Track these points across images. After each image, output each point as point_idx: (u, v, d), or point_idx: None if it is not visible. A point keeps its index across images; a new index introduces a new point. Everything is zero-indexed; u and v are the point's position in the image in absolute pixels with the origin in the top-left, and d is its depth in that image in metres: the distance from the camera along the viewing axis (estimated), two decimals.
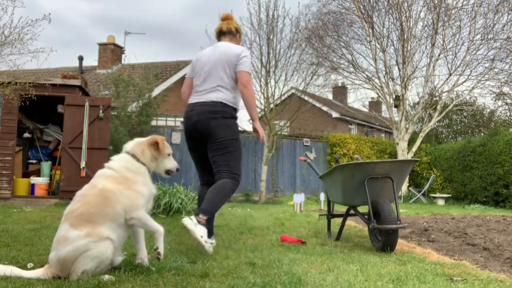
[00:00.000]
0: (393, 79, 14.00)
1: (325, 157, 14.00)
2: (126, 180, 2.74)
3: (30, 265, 2.78)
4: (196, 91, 3.71)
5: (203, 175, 3.79)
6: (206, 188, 3.62)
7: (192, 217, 3.18)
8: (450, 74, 13.72)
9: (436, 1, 13.11)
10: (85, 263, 2.48)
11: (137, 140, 2.97)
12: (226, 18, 3.87)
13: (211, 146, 3.53)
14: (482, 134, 17.59)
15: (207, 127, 3.51)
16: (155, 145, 2.91)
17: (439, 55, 13.67)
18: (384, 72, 13.88)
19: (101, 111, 8.38)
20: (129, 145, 2.93)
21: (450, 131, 20.91)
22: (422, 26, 13.78)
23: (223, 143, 3.48)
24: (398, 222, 3.64)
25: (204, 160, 3.69)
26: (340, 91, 25.05)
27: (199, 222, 3.14)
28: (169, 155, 3.00)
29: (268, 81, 11.58)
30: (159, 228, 2.78)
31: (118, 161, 2.84)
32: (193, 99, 3.71)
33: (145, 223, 2.74)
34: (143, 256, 2.86)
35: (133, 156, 2.86)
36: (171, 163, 3.00)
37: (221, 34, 3.81)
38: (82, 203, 2.62)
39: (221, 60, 3.55)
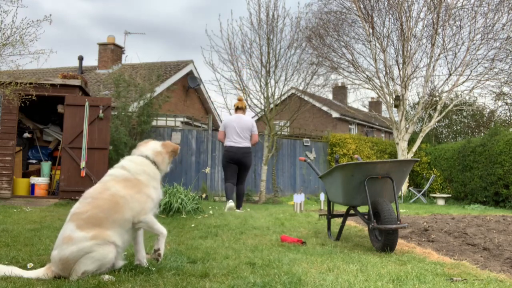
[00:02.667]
0: (393, 79, 14.00)
1: (325, 157, 13.99)
2: (139, 183, 2.76)
3: (30, 265, 2.78)
4: (234, 140, 7.13)
5: (233, 178, 7.16)
6: (232, 185, 7.13)
7: (237, 209, 6.91)
8: (450, 74, 13.72)
9: (436, 1, 13.11)
10: (87, 264, 2.49)
11: (154, 147, 2.96)
12: (241, 100, 7.47)
13: (243, 167, 7.21)
14: (482, 134, 17.59)
15: (245, 159, 7.16)
16: (175, 152, 3.02)
17: (439, 55, 13.66)
18: (384, 72, 13.89)
19: (101, 111, 8.38)
20: (148, 151, 2.93)
21: (450, 131, 20.90)
22: (422, 26, 13.78)
23: (249, 166, 7.29)
24: (398, 222, 3.64)
25: (235, 172, 7.17)
26: (340, 91, 25.04)
27: (239, 211, 6.93)
28: None
29: (268, 81, 11.57)
30: (163, 231, 2.81)
31: (135, 164, 2.84)
32: (235, 144, 7.12)
33: (151, 226, 2.78)
34: (141, 257, 2.87)
35: (153, 162, 2.89)
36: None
37: (238, 109, 7.34)
38: (92, 206, 2.63)
39: (245, 127, 7.20)
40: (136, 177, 2.78)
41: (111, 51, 16.40)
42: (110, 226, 2.60)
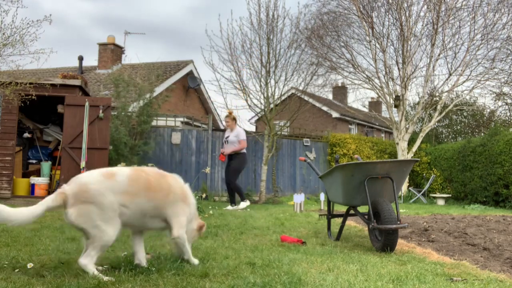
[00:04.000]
0: (393, 79, 13.98)
1: (325, 157, 13.98)
2: (185, 196, 2.96)
3: (30, 265, 2.78)
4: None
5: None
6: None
7: (242, 202, 8.30)
8: (450, 74, 13.71)
9: (436, 0, 13.10)
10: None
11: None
12: (231, 113, 8.55)
13: (229, 167, 8.35)
14: (482, 134, 17.58)
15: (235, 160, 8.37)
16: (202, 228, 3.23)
17: (439, 55, 13.65)
18: (384, 72, 13.88)
19: (101, 111, 8.38)
20: None
21: (450, 131, 20.89)
22: (422, 25, 13.77)
23: None
24: (398, 222, 3.65)
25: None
26: (340, 91, 25.03)
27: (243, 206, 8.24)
28: None
29: (268, 81, 11.56)
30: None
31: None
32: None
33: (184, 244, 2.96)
34: (141, 257, 2.88)
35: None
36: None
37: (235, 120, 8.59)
38: (149, 175, 2.83)
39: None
40: (185, 191, 3.04)
41: (111, 51, 16.39)
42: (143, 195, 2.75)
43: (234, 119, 8.50)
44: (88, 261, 2.56)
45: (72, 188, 2.60)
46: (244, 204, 8.27)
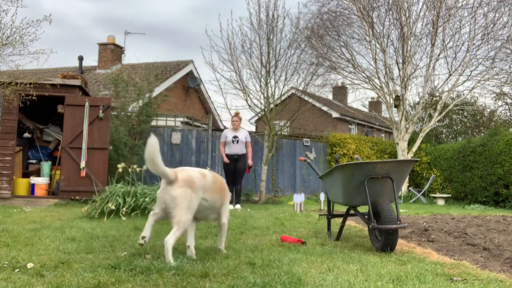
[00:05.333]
0: (393, 79, 13.98)
1: (325, 157, 13.98)
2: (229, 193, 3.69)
3: (30, 265, 2.78)
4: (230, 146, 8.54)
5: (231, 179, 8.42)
6: (231, 186, 8.18)
7: (237, 205, 8.29)
8: (450, 74, 13.71)
9: (436, 0, 13.09)
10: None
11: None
12: (238, 114, 8.80)
13: (239, 168, 8.48)
14: (482, 134, 17.57)
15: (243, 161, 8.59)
16: None
17: (439, 55, 13.65)
18: (384, 72, 13.87)
19: (101, 111, 8.37)
20: None
21: (450, 131, 20.89)
22: (422, 25, 13.77)
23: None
24: (398, 222, 3.65)
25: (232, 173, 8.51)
26: (340, 91, 25.03)
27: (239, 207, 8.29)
28: None
29: (268, 81, 11.54)
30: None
31: None
32: (231, 151, 8.50)
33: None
34: (191, 243, 3.38)
35: None
36: None
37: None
38: (218, 177, 3.54)
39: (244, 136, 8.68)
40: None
41: (111, 51, 16.38)
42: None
43: (241, 119, 8.82)
44: (173, 241, 2.99)
45: (182, 175, 3.19)
46: (237, 206, 8.39)
